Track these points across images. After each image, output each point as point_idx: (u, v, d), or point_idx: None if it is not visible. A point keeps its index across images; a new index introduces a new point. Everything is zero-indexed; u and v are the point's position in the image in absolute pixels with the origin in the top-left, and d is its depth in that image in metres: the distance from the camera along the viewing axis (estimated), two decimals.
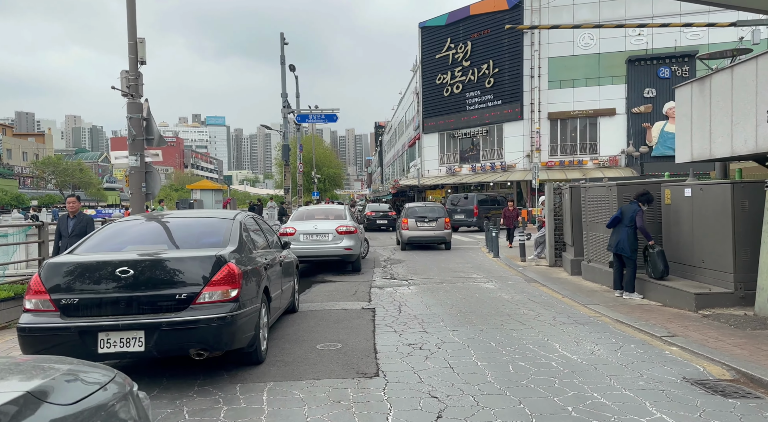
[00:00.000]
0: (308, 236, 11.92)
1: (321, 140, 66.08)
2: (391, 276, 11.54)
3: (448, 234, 17.25)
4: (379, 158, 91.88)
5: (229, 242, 5.16)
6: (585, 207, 9.95)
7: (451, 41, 40.62)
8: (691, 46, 33.78)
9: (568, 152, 36.45)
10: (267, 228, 7.08)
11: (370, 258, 15.09)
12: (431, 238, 17.13)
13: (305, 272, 12.49)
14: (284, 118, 25.52)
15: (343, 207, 13.46)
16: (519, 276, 10.97)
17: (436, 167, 41.61)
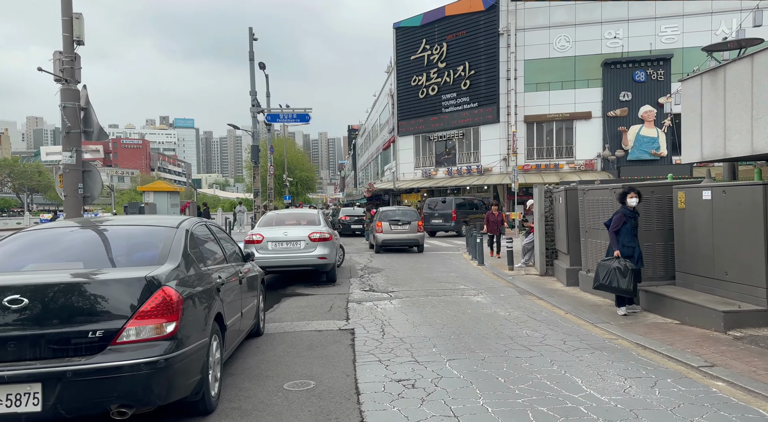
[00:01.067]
0: (277, 243, 10.74)
1: (293, 142, 64.60)
2: (370, 288, 10.44)
3: (421, 237, 17.66)
4: (353, 161, 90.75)
5: (169, 257, 4.00)
6: (583, 212, 9.05)
7: (427, 42, 39.87)
8: (666, 50, 33.76)
9: (545, 155, 36.00)
10: (224, 237, 5.91)
11: (346, 267, 13.97)
12: (405, 241, 17.51)
13: (273, 283, 11.29)
14: (253, 117, 24.16)
15: (316, 211, 12.32)
16: (510, 287, 10.00)
17: (411, 171, 40.71)
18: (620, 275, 6.76)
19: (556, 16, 35.55)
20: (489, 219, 15.43)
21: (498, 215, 15.29)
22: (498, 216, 15.23)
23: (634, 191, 7.05)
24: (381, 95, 52.28)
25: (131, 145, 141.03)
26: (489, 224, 15.36)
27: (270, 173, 30.61)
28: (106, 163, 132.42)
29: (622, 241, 7.01)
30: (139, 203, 14.32)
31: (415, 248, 17.90)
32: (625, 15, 34.38)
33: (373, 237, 18.45)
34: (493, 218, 15.26)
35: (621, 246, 7.00)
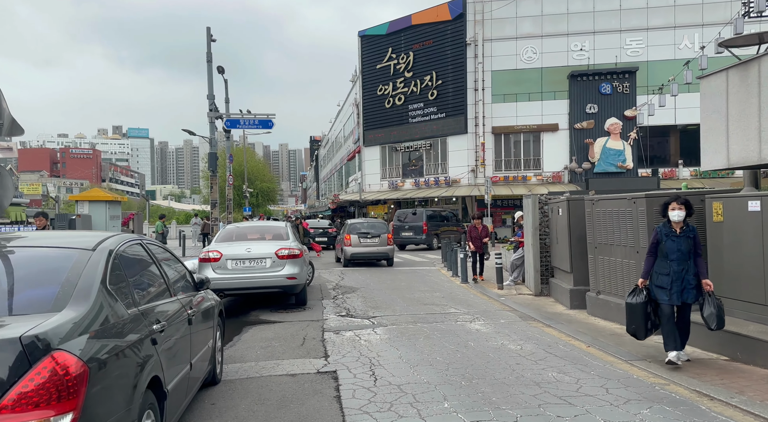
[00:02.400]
0: (239, 262, 9.24)
1: (253, 152, 62.51)
2: (347, 312, 9.05)
3: (391, 250, 17.16)
4: (315, 172, 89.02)
5: (73, 297, 2.58)
6: (592, 225, 7.97)
7: (393, 51, 39.00)
8: (632, 63, 33.91)
9: (513, 167, 35.49)
10: (168, 259, 4.46)
11: (316, 285, 12.53)
12: (374, 254, 16.93)
13: (233, 307, 9.76)
14: (211, 123, 22.46)
15: (283, 224, 10.86)
16: (507, 311, 8.81)
17: (377, 182, 39.51)
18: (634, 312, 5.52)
19: (523, 28, 35.32)
20: (472, 234, 12.92)
21: (482, 229, 12.85)
22: (482, 231, 12.84)
23: (678, 201, 5.37)
24: (345, 105, 51.09)
25: (81, 155, 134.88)
26: (472, 240, 12.91)
27: (229, 183, 28.80)
28: (54, 173, 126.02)
29: (656, 268, 5.48)
30: (70, 215, 12.30)
31: (384, 261, 17.35)
32: (590, 27, 34.45)
33: (341, 251, 17.60)
34: (476, 234, 12.83)
35: (655, 275, 5.47)
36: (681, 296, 5.33)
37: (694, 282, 5.32)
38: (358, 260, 16.99)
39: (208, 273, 9.08)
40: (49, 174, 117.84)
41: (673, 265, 5.33)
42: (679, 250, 5.34)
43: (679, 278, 5.30)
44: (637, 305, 5.50)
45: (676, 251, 5.34)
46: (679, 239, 5.37)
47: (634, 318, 5.52)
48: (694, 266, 5.34)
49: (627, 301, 5.62)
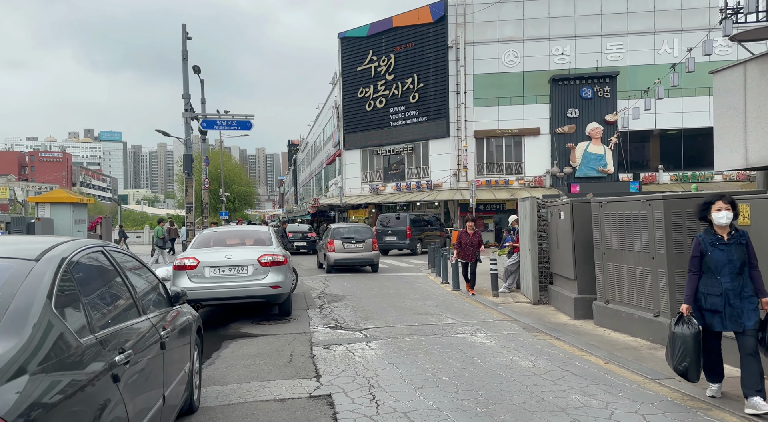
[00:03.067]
0: (217, 269, 8.50)
1: (230, 155, 61.26)
2: (335, 324, 8.38)
3: (376, 256, 16.70)
4: (293, 177, 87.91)
5: (2, 325, 1.89)
6: (600, 229, 7.47)
7: (374, 54, 38.47)
8: (612, 68, 34.01)
9: (495, 171, 35.22)
10: (136, 269, 3.76)
11: (299, 293, 11.81)
12: (359, 260, 16.44)
13: (211, 318, 9.01)
14: (186, 123, 21.54)
15: (266, 228, 10.14)
16: (508, 321, 8.25)
17: (358, 186, 38.85)
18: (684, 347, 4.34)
19: (505, 31, 35.17)
20: (462, 241, 11.09)
21: (474, 235, 11.15)
22: (474, 237, 11.12)
23: (725, 200, 4.39)
24: (325, 108, 50.37)
25: (51, 158, 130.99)
26: (462, 248, 11.06)
27: (205, 186, 27.86)
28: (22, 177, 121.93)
29: (703, 287, 4.41)
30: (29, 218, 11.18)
31: (369, 267, 16.91)
32: (572, 32, 34.46)
33: (323, 256, 17.03)
34: (467, 240, 11.10)
35: (703, 297, 4.39)
36: (739, 321, 4.22)
37: (755, 302, 4.26)
38: (342, 267, 16.42)
39: (184, 282, 8.33)
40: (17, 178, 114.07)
41: (725, 281, 4.26)
42: (731, 261, 4.27)
43: (736, 297, 4.24)
44: (690, 336, 4.32)
45: (726, 263, 4.28)
46: (728, 247, 4.31)
47: (686, 353, 4.33)
48: (749, 281, 4.28)
49: (675, 331, 4.45)
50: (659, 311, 6.38)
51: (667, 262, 6.19)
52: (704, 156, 34.66)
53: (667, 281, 6.20)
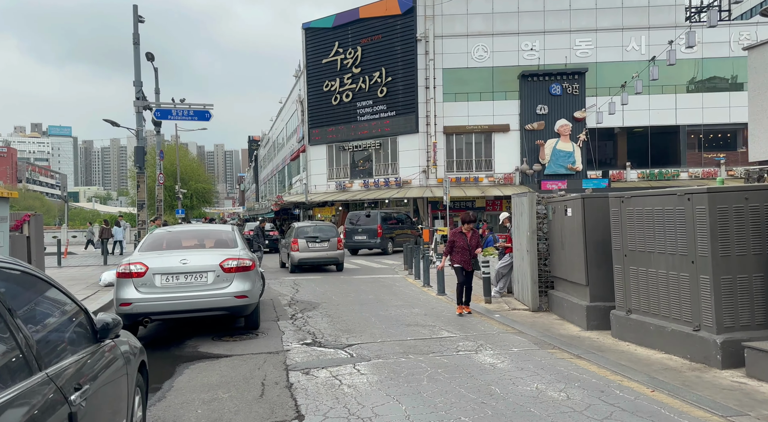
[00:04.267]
0: (171, 277, 7.14)
1: (187, 151, 58.62)
2: (313, 339, 7.16)
3: (341, 255, 16.48)
4: (254, 174, 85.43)
5: None
6: (621, 228, 6.51)
7: (340, 45, 37.12)
8: (581, 64, 33.74)
9: (464, 168, 34.48)
10: (38, 297, 2.47)
11: (267, 300, 10.52)
12: (324, 259, 16.15)
13: (162, 335, 7.64)
14: (138, 113, 19.73)
15: (230, 228, 8.79)
16: (512, 333, 7.21)
17: (324, 182, 37.44)
18: None
19: (474, 25, 34.46)
20: (457, 244, 8.70)
21: (472, 236, 8.75)
22: (473, 239, 8.75)
23: None
24: (288, 102, 48.62)
25: None
26: (457, 251, 8.67)
27: (159, 182, 25.94)
28: None
29: None
30: None
31: (334, 267, 16.70)
32: (541, 27, 34.03)
33: (287, 256, 16.69)
34: (463, 242, 8.64)
35: None
36: None
37: None
38: (306, 266, 16.10)
39: (129, 293, 6.95)
40: None
41: None
42: None
43: None
44: None
45: None
46: None
47: None
48: None
49: None
50: (700, 325, 5.44)
51: (712, 266, 5.26)
52: (671, 154, 34.96)
53: (711, 289, 5.27)
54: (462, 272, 8.64)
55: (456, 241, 8.77)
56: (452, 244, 8.80)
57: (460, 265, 8.66)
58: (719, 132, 34.02)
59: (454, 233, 8.92)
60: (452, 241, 8.82)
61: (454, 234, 8.89)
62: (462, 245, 8.73)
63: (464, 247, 8.72)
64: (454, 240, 8.80)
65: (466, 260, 8.70)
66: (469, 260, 8.71)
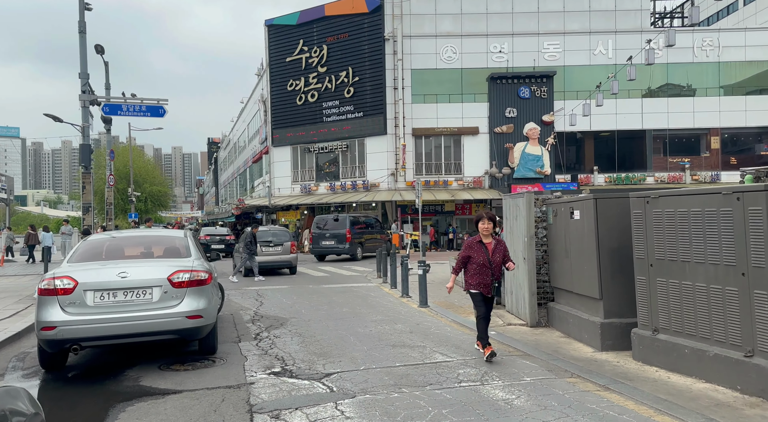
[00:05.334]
0: (106, 294, 5.83)
1: (142, 152, 55.95)
2: (282, 366, 5.98)
3: (294, 258, 17.07)
4: (214, 176, 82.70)
5: None
6: (646, 233, 5.61)
7: (304, 43, 35.81)
8: (549, 67, 33.49)
9: (433, 171, 33.68)
10: None
11: (227, 315, 9.23)
12: (277, 263, 16.75)
13: (96, 362, 6.29)
14: (84, 108, 18.00)
15: (182, 234, 7.48)
16: (517, 356, 6.19)
17: (288, 185, 35.96)
18: None
19: (443, 25, 33.81)
20: (472, 258, 6.09)
21: (495, 247, 6.11)
22: (496, 250, 6.09)
23: None
24: (250, 102, 46.87)
25: None
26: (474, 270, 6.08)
27: (109, 184, 24.05)
28: None
29: None
30: None
31: (287, 270, 17.21)
32: (509, 29, 33.66)
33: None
34: (483, 256, 6.03)
35: None
36: None
37: None
38: (260, 269, 16.17)
39: (53, 314, 5.63)
40: None
41: None
42: None
43: None
44: None
45: None
46: None
47: None
48: None
49: None
50: (753, 350, 4.55)
51: None
52: (637, 158, 35.11)
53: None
54: (482, 302, 6.02)
55: (472, 256, 6.03)
56: (466, 259, 6.11)
57: (478, 290, 6.02)
58: (683, 137, 34.36)
59: (470, 243, 6.16)
60: (466, 256, 6.10)
61: (469, 245, 6.14)
62: (481, 261, 5.96)
63: (484, 264, 5.96)
64: (468, 255, 6.06)
65: (488, 282, 6.00)
66: (490, 283, 6.01)
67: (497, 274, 6.07)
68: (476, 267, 6.04)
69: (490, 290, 6.06)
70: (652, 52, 16.89)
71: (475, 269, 6.05)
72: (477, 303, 6.10)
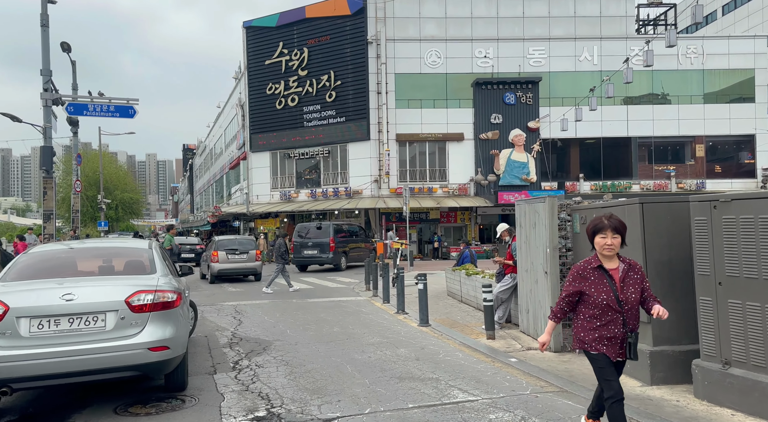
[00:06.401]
0: (47, 322, 4.64)
1: (114, 158, 53.87)
2: (269, 409, 4.84)
3: (259, 266, 17.82)
4: (189, 184, 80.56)
5: None
6: (713, 244, 4.65)
7: (284, 46, 34.69)
8: (534, 73, 32.98)
9: (418, 178, 32.75)
10: None
11: (200, 336, 8.03)
12: (242, 270, 17.52)
13: (35, 404, 5.03)
14: (46, 107, 16.62)
15: (145, 244, 6.25)
16: (552, 392, 5.16)
17: (267, 192, 34.63)
18: None
19: (427, 29, 33.09)
20: (587, 295, 3.63)
21: (627, 273, 3.64)
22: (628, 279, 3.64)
23: None
24: (227, 106, 45.41)
25: None
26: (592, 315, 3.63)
27: (76, 190, 22.52)
28: None
29: None
30: None
31: (252, 277, 18.00)
32: (494, 34, 33.10)
33: (207, 267, 17.70)
34: (606, 292, 3.57)
35: None
36: None
37: None
38: (226, 276, 17.41)
39: None
40: None
41: None
42: None
43: None
44: None
45: None
46: None
47: None
48: None
49: None
50: None
51: None
52: (622, 166, 34.74)
53: None
54: (610, 368, 3.60)
55: (586, 292, 3.62)
56: (575, 297, 3.70)
57: (599, 352, 3.58)
58: (669, 145, 34.14)
59: (581, 271, 3.67)
60: (576, 292, 3.68)
61: (580, 274, 3.67)
62: (603, 301, 3.56)
63: (610, 305, 3.56)
64: (580, 291, 3.65)
65: (618, 336, 3.58)
66: (622, 337, 3.58)
67: (633, 321, 3.58)
68: (595, 311, 3.57)
69: (622, 349, 3.58)
70: (651, 53, 16.25)
71: (594, 313, 3.58)
72: (602, 372, 3.59)
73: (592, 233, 3.70)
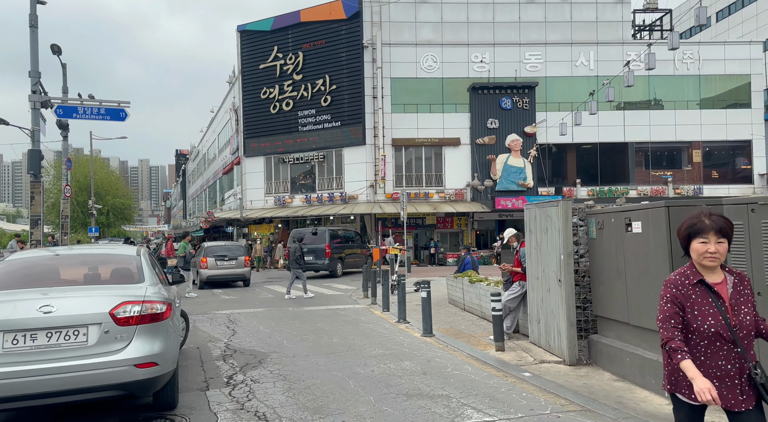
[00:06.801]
0: (22, 336, 4.23)
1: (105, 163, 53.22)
2: None
3: (247, 272, 17.87)
4: (182, 189, 79.86)
5: None
6: (753, 251, 4.29)
7: (279, 50, 34.36)
8: (531, 78, 32.80)
9: (414, 183, 32.41)
10: None
11: (192, 348, 7.59)
12: (231, 276, 17.59)
13: None
14: (35, 109, 16.10)
15: (133, 251, 5.81)
16: (575, 412, 4.77)
17: (261, 197, 34.15)
18: None
19: (423, 34, 32.85)
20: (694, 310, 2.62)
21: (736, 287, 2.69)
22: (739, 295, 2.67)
23: None
24: (221, 111, 44.97)
25: None
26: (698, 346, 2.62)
27: (65, 195, 21.97)
28: None
29: None
30: None
31: (240, 282, 18.07)
32: (490, 39, 32.91)
33: (196, 273, 17.61)
34: (713, 315, 2.59)
35: None
36: None
37: None
38: (214, 282, 17.53)
39: None
40: None
41: None
42: None
43: None
44: None
45: None
46: None
47: None
48: None
49: None
50: None
51: None
52: (619, 171, 34.57)
53: None
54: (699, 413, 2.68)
55: (687, 314, 2.65)
56: (676, 317, 2.65)
57: (700, 402, 2.53)
58: (665, 150, 34.02)
59: (678, 284, 2.71)
60: (677, 312, 2.65)
61: (679, 289, 2.69)
62: (710, 328, 2.60)
63: (721, 334, 2.59)
64: (677, 309, 2.65)
65: (732, 373, 2.59)
66: (737, 375, 2.58)
67: (749, 350, 2.63)
68: (699, 342, 2.64)
69: (743, 393, 2.58)
70: (653, 56, 16.03)
71: (697, 344, 2.65)
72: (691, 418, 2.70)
73: (687, 236, 2.77)
